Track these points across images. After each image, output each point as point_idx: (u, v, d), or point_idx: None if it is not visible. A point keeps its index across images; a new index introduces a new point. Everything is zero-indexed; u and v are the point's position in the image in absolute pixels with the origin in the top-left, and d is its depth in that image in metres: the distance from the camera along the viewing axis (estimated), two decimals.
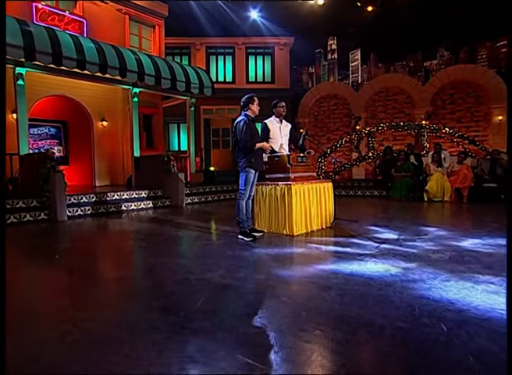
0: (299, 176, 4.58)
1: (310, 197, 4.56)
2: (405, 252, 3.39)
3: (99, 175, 9.54)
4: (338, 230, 4.64)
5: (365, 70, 14.57)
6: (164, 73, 8.28)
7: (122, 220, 5.90)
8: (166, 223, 5.43)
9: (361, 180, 10.89)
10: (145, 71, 7.89)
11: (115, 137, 9.82)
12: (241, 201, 4.20)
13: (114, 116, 9.74)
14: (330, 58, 14.31)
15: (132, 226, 5.32)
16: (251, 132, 4.06)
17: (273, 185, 4.48)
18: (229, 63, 14.05)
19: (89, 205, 6.44)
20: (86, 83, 8.39)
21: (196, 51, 13.71)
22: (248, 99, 4.15)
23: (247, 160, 4.07)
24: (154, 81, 8.15)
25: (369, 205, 7.64)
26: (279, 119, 4.69)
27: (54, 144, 10.04)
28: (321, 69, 14.78)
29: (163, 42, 10.98)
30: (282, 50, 14.13)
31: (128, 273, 2.97)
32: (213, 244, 3.93)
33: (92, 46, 6.89)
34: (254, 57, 14.18)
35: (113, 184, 9.73)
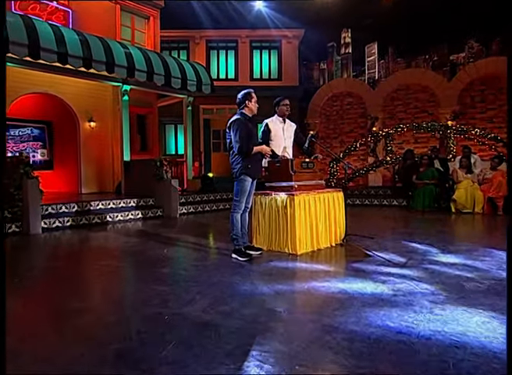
0: (304, 184, 4.29)
1: (317, 209, 4.25)
2: (431, 280, 3.02)
3: (85, 181, 9.35)
4: (350, 248, 4.31)
5: (383, 66, 14.32)
6: (157, 69, 8.09)
7: (104, 234, 5.67)
8: (153, 238, 5.18)
9: (378, 187, 10.59)
10: (136, 66, 7.69)
11: (105, 140, 9.65)
12: (235, 214, 3.90)
13: (103, 116, 9.58)
14: (344, 53, 14.09)
15: (113, 242, 5.06)
16: (248, 133, 3.77)
17: (274, 195, 4.20)
18: (231, 58, 13.90)
19: (69, 216, 6.20)
20: (71, 80, 8.23)
21: (195, 45, 13.60)
22: (245, 95, 3.87)
23: (243, 166, 3.79)
24: (146, 77, 7.95)
25: (387, 218, 7.30)
26: (281, 118, 4.46)
27: (37, 147, 9.91)
28: (333, 65, 14.59)
29: (158, 35, 10.85)
30: (290, 44, 13.95)
31: (91, 303, 2.66)
32: (201, 266, 3.62)
33: (75, 38, 6.72)
34: (259, 51, 14.02)
35: (101, 191, 9.54)
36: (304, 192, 4.15)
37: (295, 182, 4.18)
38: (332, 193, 4.51)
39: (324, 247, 4.29)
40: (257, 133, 4.15)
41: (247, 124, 3.82)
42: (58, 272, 3.56)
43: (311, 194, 4.20)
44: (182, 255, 4.14)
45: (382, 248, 4.25)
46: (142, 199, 7.64)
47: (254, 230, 4.39)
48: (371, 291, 2.74)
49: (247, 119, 3.84)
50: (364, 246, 4.33)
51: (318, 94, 13.25)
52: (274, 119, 4.49)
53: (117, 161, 9.27)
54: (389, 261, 3.66)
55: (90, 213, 6.54)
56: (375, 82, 13.35)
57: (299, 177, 4.24)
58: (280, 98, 4.49)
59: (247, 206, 4.01)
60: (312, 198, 4.20)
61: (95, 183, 9.58)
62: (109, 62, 7.23)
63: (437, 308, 2.40)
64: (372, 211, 8.23)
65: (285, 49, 13.94)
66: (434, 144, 11.05)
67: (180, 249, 4.40)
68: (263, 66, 14.04)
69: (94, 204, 6.81)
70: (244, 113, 3.86)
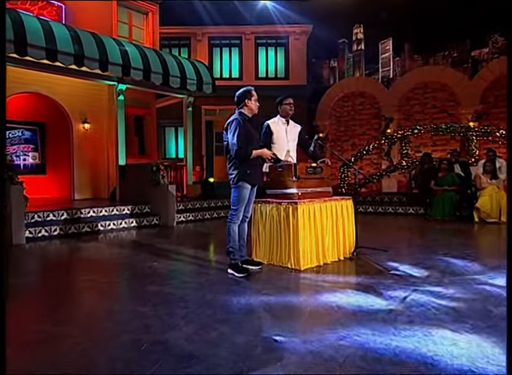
0: (309, 191, 4.09)
1: (323, 219, 4.04)
2: (452, 306, 2.77)
3: (79, 187, 9.26)
4: (360, 263, 4.10)
5: (398, 63, 14.16)
6: (154, 67, 8.01)
7: (93, 244, 5.54)
8: (145, 249, 5.02)
9: (393, 193, 10.41)
10: (131, 64, 7.63)
11: (99, 142, 9.57)
12: (232, 225, 3.71)
13: (98, 117, 9.51)
14: (356, 50, 13.98)
15: (101, 253, 4.91)
16: (246, 135, 3.59)
17: (275, 204, 4.00)
18: (235, 56, 13.84)
19: (57, 224, 6.08)
20: (63, 79, 8.17)
21: (197, 42, 13.57)
22: (244, 93, 3.70)
23: (241, 172, 3.61)
24: (143, 76, 7.89)
25: (402, 228, 7.08)
26: (285, 119, 4.31)
27: (28, 150, 9.86)
28: (344, 63, 14.47)
29: (157, 32, 10.81)
30: (297, 40, 13.87)
31: (61, 327, 2.47)
32: (193, 283, 3.42)
33: (66, 33, 6.65)
34: (265, 49, 13.94)
35: (95, 197, 9.46)
36: (309, 200, 3.95)
37: (299, 189, 3.99)
38: (341, 201, 4.30)
39: (331, 261, 4.08)
40: (258, 136, 3.96)
41: (246, 125, 3.65)
42: (33, 289, 3.39)
43: (316, 202, 4.00)
44: (173, 269, 3.96)
45: (396, 262, 4.02)
46: (137, 206, 7.50)
47: (253, 242, 4.21)
48: (383, 317, 2.51)
49: (246, 119, 3.67)
50: (376, 260, 4.12)
51: (328, 94, 13.12)
52: (276, 120, 4.34)
53: (112, 165, 9.18)
54: (405, 278, 3.42)
55: (80, 221, 6.42)
56: (390, 81, 13.18)
57: (303, 184, 4.05)
58: (283, 96, 4.34)
59: (245, 216, 3.83)
60: (318, 207, 4.00)
61: (89, 189, 9.49)
62: (103, 60, 7.15)
63: (461, 341, 2.16)
64: (386, 220, 8.02)
65: (292, 46, 13.85)
66: (454, 147, 10.80)
67: (173, 263, 4.22)
68: (269, 64, 13.96)
69: (85, 211, 6.68)
70: (243, 113, 3.70)
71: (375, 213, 8.98)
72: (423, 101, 12.09)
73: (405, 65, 13.85)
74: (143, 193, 7.82)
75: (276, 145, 4.26)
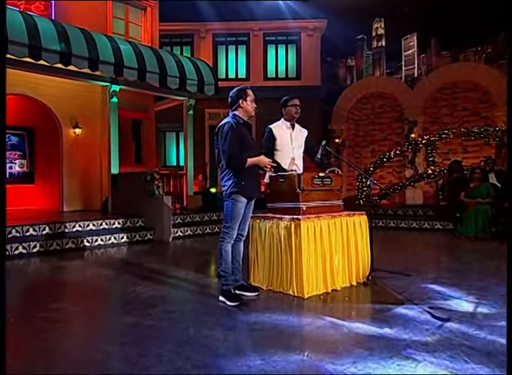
0: (315, 206, 3.86)
1: (331, 237, 3.79)
2: (487, 344, 2.45)
3: (68, 197, 9.19)
4: (376, 289, 3.81)
5: (424, 60, 14.05)
6: (150, 66, 7.93)
7: (74, 263, 5.38)
8: (131, 270, 4.84)
9: (418, 206, 10.24)
10: (124, 63, 7.56)
11: (92, 149, 9.51)
12: (225, 245, 3.48)
13: (91, 121, 9.47)
14: (376, 47, 13.95)
15: (80, 275, 4.74)
16: (241, 141, 3.39)
17: (275, 220, 3.77)
18: (242, 55, 13.81)
19: (37, 240, 5.94)
20: (53, 80, 8.15)
21: (200, 39, 13.57)
22: (237, 93, 3.50)
23: (235, 183, 3.40)
24: (137, 76, 7.82)
25: (428, 246, 6.80)
26: (289, 123, 4.14)
27: (15, 157, 9.86)
28: (363, 61, 14.53)
29: (157, 29, 10.81)
30: (310, 37, 13.76)
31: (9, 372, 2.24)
32: (176, 313, 3.18)
33: (52, 29, 6.60)
34: (275, 46, 13.87)
35: (86, 209, 9.38)
36: (315, 216, 3.71)
37: (303, 203, 3.74)
38: (353, 216, 4.04)
39: (341, 287, 3.80)
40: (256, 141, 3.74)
41: (241, 129, 3.44)
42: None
43: (323, 218, 3.74)
44: (158, 295, 3.72)
45: (419, 290, 3.72)
46: (129, 220, 7.38)
47: (251, 263, 4.00)
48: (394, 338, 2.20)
49: (240, 122, 3.47)
50: (395, 287, 3.82)
51: (345, 96, 12.96)
52: (280, 124, 4.17)
53: (106, 174, 9.06)
54: (428, 311, 3.10)
55: (63, 237, 6.29)
56: (414, 80, 13.00)
57: (309, 197, 3.82)
58: (288, 97, 4.17)
59: (241, 234, 3.61)
60: (325, 224, 3.74)
61: (79, 200, 9.41)
62: (92, 58, 7.09)
63: None
64: (410, 236, 7.75)
65: (304, 43, 13.76)
66: (488, 154, 10.40)
67: (159, 287, 4.00)
68: (279, 64, 13.88)
69: (70, 225, 6.56)
70: (237, 115, 3.50)
71: (396, 229, 8.72)
72: (452, 103, 11.78)
73: (431, 62, 13.72)
74: (136, 205, 7.70)
75: (280, 152, 4.09)
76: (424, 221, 8.61)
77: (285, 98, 4.17)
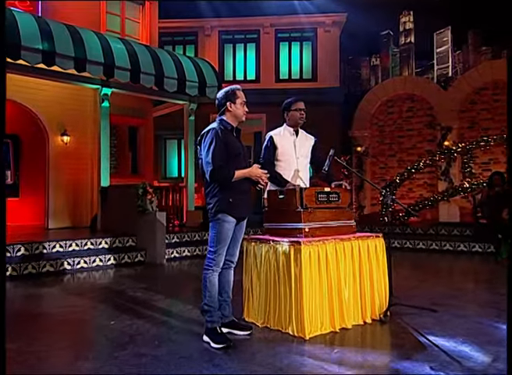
0: (320, 226, 3.66)
1: (340, 265, 3.55)
2: None
3: (54, 213, 9.14)
4: (395, 329, 3.51)
5: (459, 58, 13.88)
6: (145, 66, 7.94)
7: (48, 291, 5.23)
8: (110, 299, 4.70)
9: (453, 224, 9.96)
10: (116, 63, 7.55)
11: (82, 159, 9.47)
12: (209, 274, 3.27)
13: (81, 128, 9.48)
14: (404, 43, 13.90)
15: (50, 305, 4.59)
16: (228, 150, 3.21)
17: (273, 243, 3.56)
18: (251, 54, 13.76)
19: (11, 263, 5.82)
20: (39, 82, 8.21)
21: (205, 37, 13.58)
22: (225, 95, 3.34)
23: (221, 201, 3.21)
24: (130, 77, 7.80)
25: (463, 273, 6.53)
26: (293, 129, 4.02)
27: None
28: (389, 60, 14.53)
29: (156, 25, 10.86)
30: (328, 33, 13.65)
31: None
32: (148, 357, 2.95)
33: (33, 25, 6.62)
34: (288, 44, 13.81)
35: (75, 226, 9.34)
36: (320, 239, 3.48)
37: (305, 224, 3.52)
38: (367, 239, 3.78)
39: (351, 325, 3.53)
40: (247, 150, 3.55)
41: (228, 136, 3.27)
42: None
43: (330, 241, 3.50)
44: (133, 331, 3.50)
45: (448, 331, 3.41)
46: (118, 239, 7.29)
47: (245, 294, 3.78)
48: None
49: (228, 129, 3.30)
50: (418, 326, 3.52)
51: (368, 99, 12.79)
52: (282, 131, 4.04)
53: (97, 187, 8.99)
54: (459, 361, 2.79)
55: (41, 258, 6.19)
56: (448, 80, 12.77)
57: (312, 216, 3.59)
58: (290, 99, 4.03)
59: (230, 260, 3.41)
60: (332, 248, 3.50)
61: (67, 216, 9.36)
62: (79, 58, 7.11)
63: None
64: (442, 261, 7.48)
65: (321, 41, 13.66)
66: None
67: (136, 321, 3.80)
68: (292, 63, 13.79)
69: (49, 246, 6.47)
70: (224, 121, 3.33)
71: (427, 251, 8.45)
72: (493, 106, 11.46)
73: (468, 59, 13.52)
74: (127, 222, 7.62)
75: (282, 163, 3.94)
76: (459, 242, 8.34)
77: (287, 101, 4.03)
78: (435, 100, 11.97)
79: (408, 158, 12.12)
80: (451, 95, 11.80)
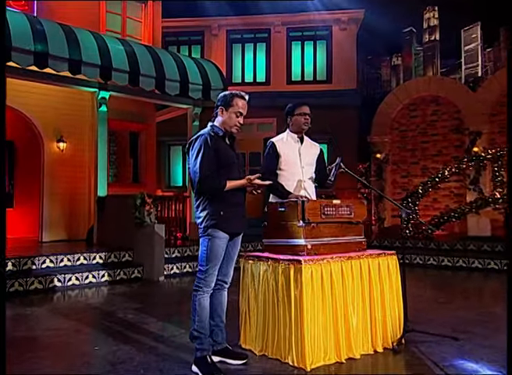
0: (325, 243, 3.52)
1: (346, 286, 3.43)
2: None
3: (49, 225, 9.19)
4: (410, 360, 3.35)
5: (490, 56, 13.73)
6: (144, 68, 8.02)
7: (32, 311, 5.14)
8: (98, 321, 4.71)
9: (483, 239, 9.77)
10: (113, 64, 7.61)
11: (79, 167, 9.54)
12: (200, 296, 3.17)
13: (78, 133, 9.58)
14: (428, 41, 13.74)
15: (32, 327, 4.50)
16: (218, 158, 3.11)
17: (271, 261, 3.45)
18: (261, 55, 13.79)
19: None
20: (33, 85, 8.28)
21: (212, 37, 13.66)
22: (223, 98, 3.23)
23: (211, 214, 3.11)
24: (129, 80, 7.87)
25: (493, 295, 6.35)
26: (297, 136, 3.94)
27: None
28: (412, 59, 14.32)
29: (159, 25, 10.92)
30: (344, 31, 13.66)
31: None
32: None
33: (25, 24, 6.69)
34: (300, 44, 13.83)
35: (71, 239, 9.39)
36: (324, 257, 3.35)
37: (307, 240, 3.40)
38: (378, 257, 3.63)
39: (360, 355, 3.37)
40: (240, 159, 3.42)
41: (219, 143, 3.16)
42: None
43: (335, 260, 3.36)
44: (116, 359, 3.40)
45: (471, 363, 3.23)
46: (114, 253, 7.29)
47: (242, 317, 3.64)
48: None
49: (219, 135, 3.19)
50: (437, 356, 3.36)
51: (389, 101, 12.83)
52: (285, 137, 3.97)
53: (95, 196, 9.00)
54: None
55: (30, 275, 6.16)
56: (478, 80, 12.75)
57: (316, 232, 3.48)
58: (294, 103, 3.95)
59: (223, 280, 3.31)
60: (338, 268, 3.36)
61: (63, 228, 9.41)
62: (74, 59, 7.18)
63: None
64: (469, 280, 7.33)
65: (337, 39, 13.66)
66: None
67: (122, 347, 3.71)
68: (306, 64, 13.79)
69: (39, 261, 6.48)
70: (216, 127, 3.23)
71: (453, 268, 8.23)
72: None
73: (500, 57, 13.46)
74: (124, 234, 7.62)
75: (285, 173, 3.85)
76: (490, 259, 8.10)
77: (290, 105, 3.94)
78: (463, 102, 11.95)
79: (433, 166, 12.07)
80: (480, 97, 11.74)
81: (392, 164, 12.54)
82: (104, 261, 7.07)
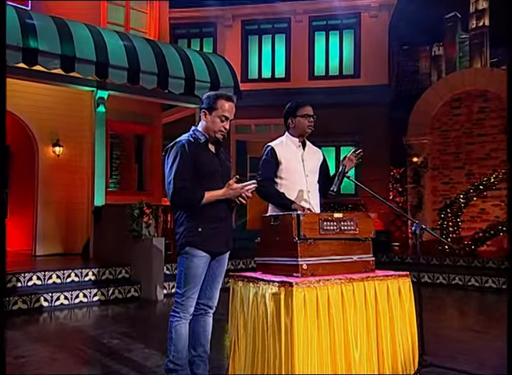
0: (324, 263, 3.38)
1: (347, 314, 3.28)
2: None
3: (43, 237, 9.43)
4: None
5: None
6: (145, 64, 8.15)
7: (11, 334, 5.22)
8: (80, 347, 4.78)
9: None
10: (110, 61, 7.72)
11: (77, 173, 9.75)
12: (175, 323, 3.17)
13: (76, 137, 9.81)
14: (475, 28, 13.64)
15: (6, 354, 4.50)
16: (197, 167, 3.10)
17: (262, 283, 3.33)
18: (280, 47, 13.82)
19: None
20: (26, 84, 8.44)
21: (225, 29, 13.74)
22: (207, 99, 3.17)
23: (188, 230, 3.11)
24: (128, 78, 7.99)
25: None
26: (298, 140, 3.90)
27: None
28: (456, 49, 14.25)
29: (166, 16, 11.03)
30: (375, 18, 13.58)
31: None
32: None
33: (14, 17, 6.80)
34: (325, 34, 13.82)
35: (67, 253, 9.59)
36: (321, 279, 3.21)
37: (303, 259, 3.28)
38: (386, 280, 3.49)
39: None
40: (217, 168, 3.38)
41: (199, 151, 3.13)
42: None
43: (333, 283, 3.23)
44: None
45: None
46: (108, 269, 7.43)
47: (231, 347, 3.54)
48: None
49: (200, 141, 3.16)
50: None
51: (428, 97, 12.70)
52: (284, 142, 3.91)
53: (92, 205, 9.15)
54: None
55: (14, 294, 6.29)
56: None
57: (314, 249, 3.36)
58: (295, 103, 3.88)
59: (206, 305, 3.36)
60: (337, 293, 3.23)
61: (59, 241, 9.64)
62: (66, 55, 7.29)
63: None
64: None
65: (366, 28, 13.59)
66: None
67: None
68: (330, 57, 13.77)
69: (24, 278, 6.60)
70: (199, 131, 3.21)
71: (498, 291, 7.92)
72: None
73: None
74: (121, 248, 7.74)
75: (286, 182, 3.81)
76: None
77: (291, 105, 3.87)
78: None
79: (479, 171, 11.85)
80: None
81: (432, 169, 12.39)
82: (98, 278, 7.19)
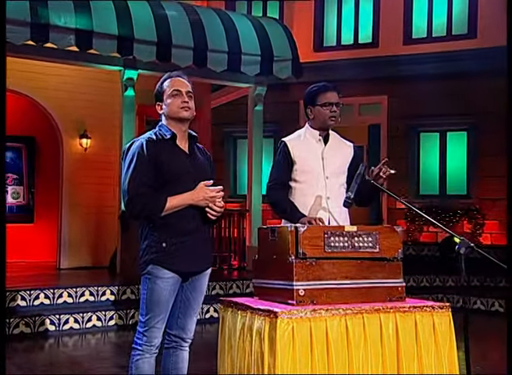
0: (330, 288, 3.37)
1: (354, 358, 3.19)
2: None
3: (69, 247, 9.86)
4: None
5: None
6: (177, 37, 8.26)
7: None
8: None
9: None
10: (135, 33, 7.88)
11: (107, 170, 10.02)
12: (136, 357, 3.25)
13: (106, 127, 10.11)
14: None
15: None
16: (158, 170, 3.17)
17: (249, 312, 3.40)
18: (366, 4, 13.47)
19: None
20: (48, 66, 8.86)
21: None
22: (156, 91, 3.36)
23: (151, 246, 3.21)
24: (156, 54, 8.13)
25: None
26: (319, 134, 3.93)
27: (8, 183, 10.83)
28: None
29: None
30: None
31: None
32: None
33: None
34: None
35: (95, 266, 9.91)
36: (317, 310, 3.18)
37: (300, 282, 3.28)
38: (413, 313, 3.39)
39: None
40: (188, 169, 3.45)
41: (163, 150, 3.20)
42: None
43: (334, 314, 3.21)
44: None
45: None
46: (130, 287, 7.60)
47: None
48: None
49: (166, 138, 3.24)
50: None
51: None
52: (302, 136, 3.99)
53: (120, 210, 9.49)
54: None
55: (15, 315, 6.57)
56: None
57: (316, 271, 3.36)
58: (315, 88, 3.89)
59: (179, 337, 3.41)
60: (338, 328, 3.19)
61: (86, 251, 10.04)
62: (82, 29, 7.56)
63: None
64: None
65: None
66: None
67: None
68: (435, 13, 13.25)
69: (29, 296, 6.86)
70: (164, 127, 3.30)
71: None
72: None
73: None
74: None
75: (301, 185, 3.87)
76: None
77: (310, 90, 3.90)
78: None
79: None
80: None
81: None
82: (117, 298, 7.40)
